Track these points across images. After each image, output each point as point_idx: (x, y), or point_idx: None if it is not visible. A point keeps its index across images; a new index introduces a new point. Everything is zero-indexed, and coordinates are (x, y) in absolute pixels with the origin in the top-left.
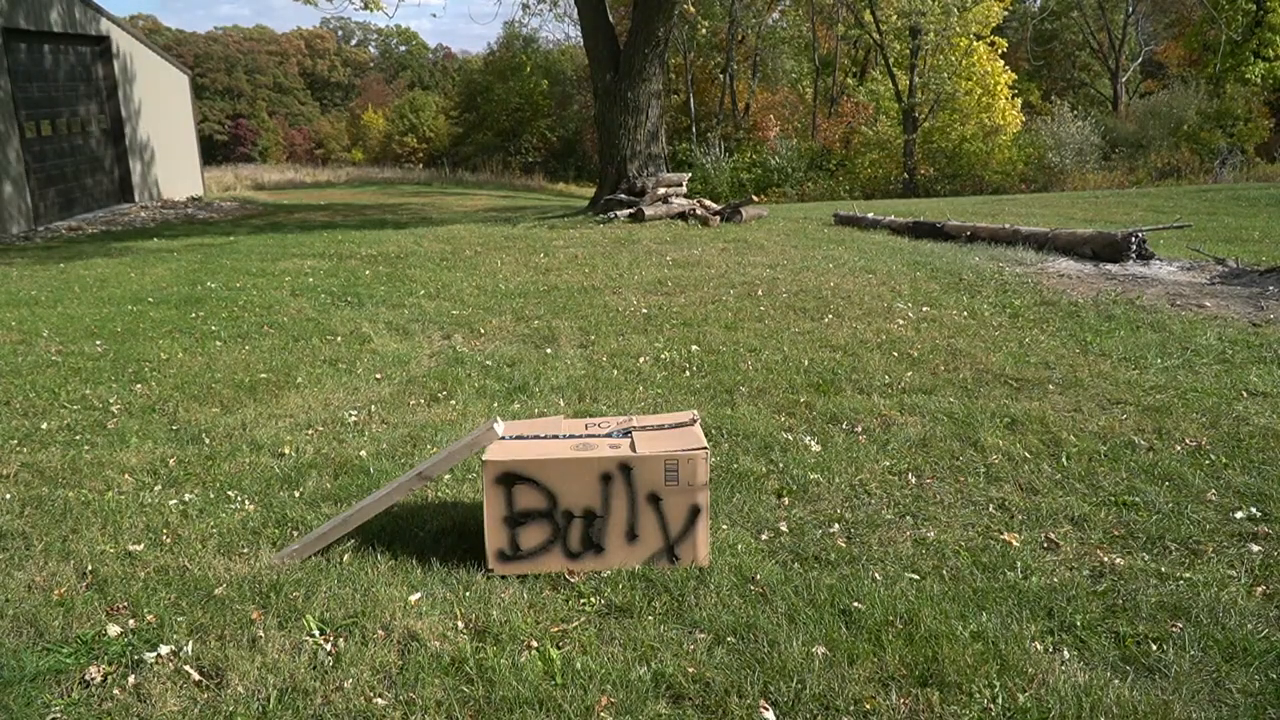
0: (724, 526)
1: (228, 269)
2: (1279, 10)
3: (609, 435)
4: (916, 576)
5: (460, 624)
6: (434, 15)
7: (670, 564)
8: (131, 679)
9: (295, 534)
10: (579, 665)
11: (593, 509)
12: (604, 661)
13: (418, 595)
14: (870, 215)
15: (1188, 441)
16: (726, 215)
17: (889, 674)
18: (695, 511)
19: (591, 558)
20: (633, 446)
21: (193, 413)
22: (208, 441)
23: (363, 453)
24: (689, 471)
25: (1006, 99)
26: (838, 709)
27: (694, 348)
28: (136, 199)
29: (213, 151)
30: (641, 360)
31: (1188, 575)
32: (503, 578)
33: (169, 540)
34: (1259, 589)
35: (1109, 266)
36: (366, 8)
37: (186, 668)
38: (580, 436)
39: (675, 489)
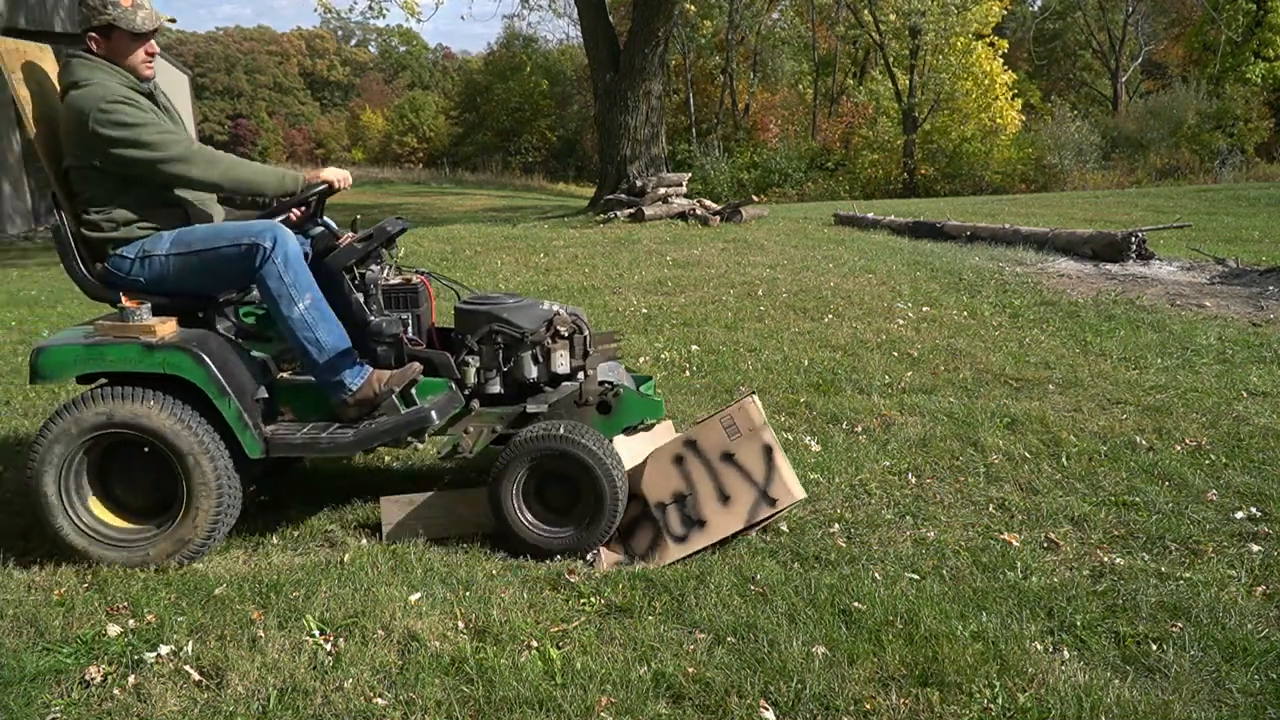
0: None
1: None
2: (1279, 10)
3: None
4: (916, 576)
5: (460, 624)
6: (461, 18)
7: (770, 508)
8: (131, 679)
9: (295, 534)
10: (579, 665)
11: (680, 491)
12: (604, 661)
13: (418, 595)
14: (870, 215)
15: (1188, 441)
16: (726, 215)
17: (889, 674)
18: (768, 451)
19: (698, 533)
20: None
21: None
22: None
23: None
24: (744, 419)
25: (1005, 99)
26: (838, 709)
27: (694, 347)
28: None
29: None
30: (641, 360)
31: (1188, 575)
32: (503, 577)
33: None
34: (1259, 589)
35: (1109, 266)
36: (376, 12)
37: (186, 668)
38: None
39: (741, 439)
